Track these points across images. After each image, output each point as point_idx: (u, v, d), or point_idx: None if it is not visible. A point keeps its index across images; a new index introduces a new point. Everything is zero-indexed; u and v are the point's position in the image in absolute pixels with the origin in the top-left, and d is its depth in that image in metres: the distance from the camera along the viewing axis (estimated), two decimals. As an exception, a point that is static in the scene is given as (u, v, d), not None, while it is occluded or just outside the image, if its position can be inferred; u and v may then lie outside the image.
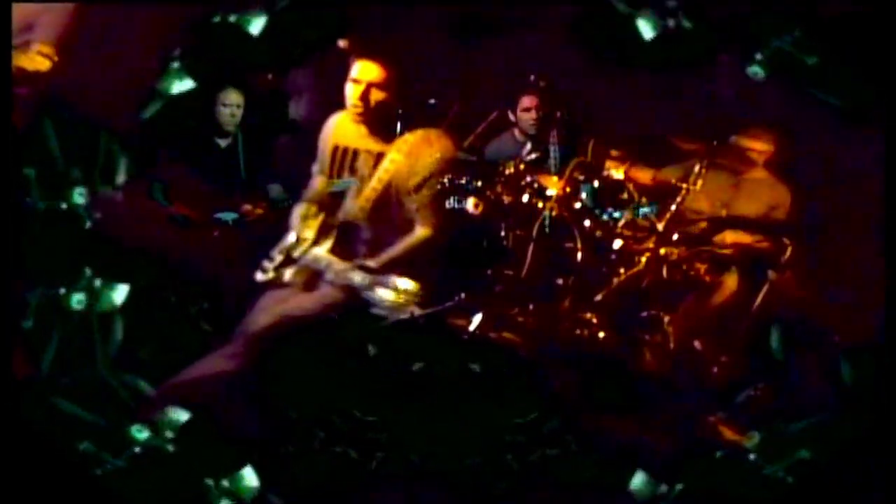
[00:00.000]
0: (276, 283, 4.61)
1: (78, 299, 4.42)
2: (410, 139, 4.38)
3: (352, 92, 4.27)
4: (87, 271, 4.46)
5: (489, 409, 4.78)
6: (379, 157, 4.40)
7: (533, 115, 5.83)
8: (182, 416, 4.36)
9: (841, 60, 4.82)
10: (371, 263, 4.35)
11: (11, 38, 4.50)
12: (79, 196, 4.57)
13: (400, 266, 4.37)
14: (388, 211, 4.41)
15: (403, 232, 4.41)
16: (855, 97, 4.93)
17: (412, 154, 4.36)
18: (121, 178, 4.66)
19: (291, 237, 4.68)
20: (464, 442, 4.61)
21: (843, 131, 5.43)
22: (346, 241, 4.47)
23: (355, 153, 4.40)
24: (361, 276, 4.22)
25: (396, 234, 4.41)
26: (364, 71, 4.20)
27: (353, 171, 4.42)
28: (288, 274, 4.57)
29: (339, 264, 4.31)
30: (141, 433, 4.34)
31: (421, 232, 4.41)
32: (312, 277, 4.48)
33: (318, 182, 4.71)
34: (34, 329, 4.37)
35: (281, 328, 4.40)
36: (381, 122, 4.33)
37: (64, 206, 4.55)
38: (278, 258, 4.65)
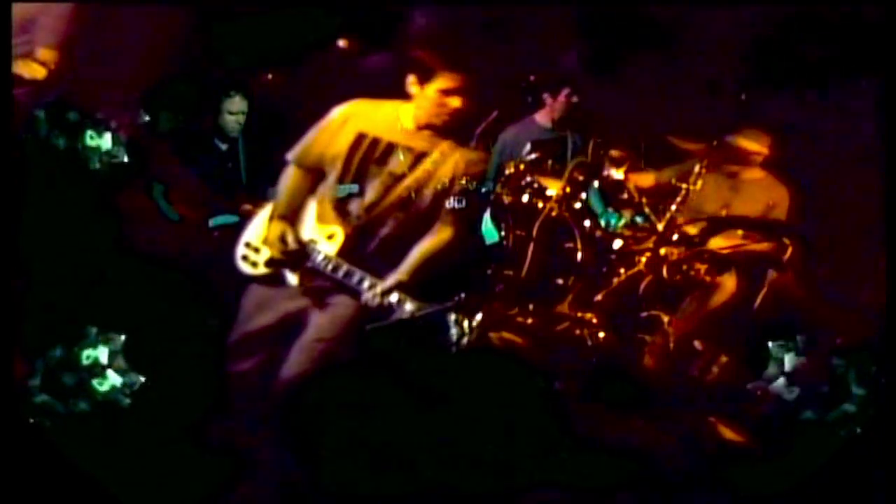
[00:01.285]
0: (268, 280, 4.43)
1: (87, 355, 4.43)
2: (453, 145, 4.27)
3: (436, 100, 4.13)
4: (94, 330, 4.46)
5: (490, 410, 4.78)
6: (419, 156, 4.28)
7: (575, 99, 5.91)
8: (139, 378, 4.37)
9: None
10: (401, 276, 4.09)
11: (11, 39, 4.48)
12: (90, 139, 4.57)
13: (424, 273, 4.22)
14: (410, 210, 4.30)
15: (414, 232, 4.30)
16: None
17: (456, 159, 4.24)
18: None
19: (263, 222, 4.38)
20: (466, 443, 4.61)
21: (843, 132, 5.45)
22: (357, 241, 4.25)
23: (390, 146, 4.28)
24: (414, 304, 4.03)
25: (407, 233, 4.29)
26: (450, 80, 4.12)
27: (381, 163, 4.27)
28: (292, 278, 4.29)
29: (374, 282, 4.05)
30: (102, 385, 4.34)
31: (442, 234, 4.27)
32: (322, 285, 4.25)
33: (294, 174, 4.39)
34: (42, 383, 4.38)
35: (318, 368, 4.26)
36: (450, 128, 4.23)
37: (78, 146, 4.56)
38: (265, 250, 4.36)
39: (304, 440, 4.28)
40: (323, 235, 4.27)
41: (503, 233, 5.50)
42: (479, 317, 4.42)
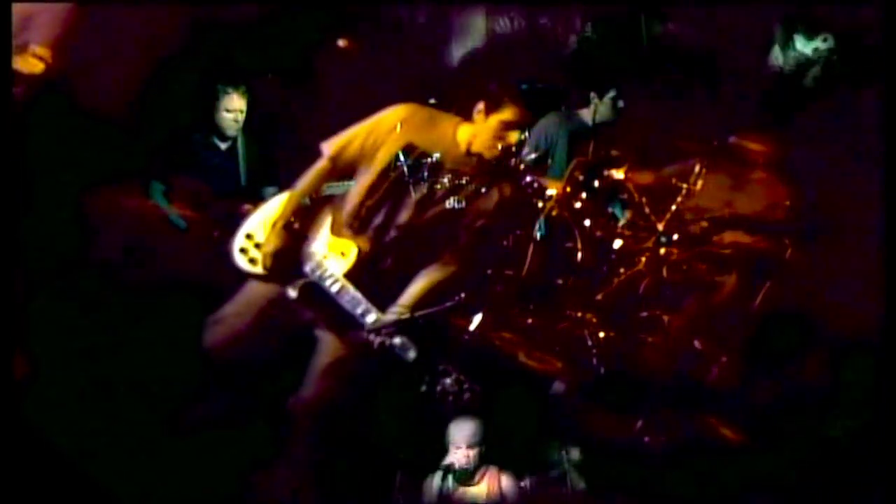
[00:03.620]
0: (266, 279, 4.15)
1: None
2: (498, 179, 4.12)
3: (495, 131, 3.97)
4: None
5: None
6: (463, 182, 4.08)
7: (621, 104, 5.90)
8: None
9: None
10: (402, 312, 3.92)
11: (11, 38, 4.47)
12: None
13: (423, 306, 4.05)
14: (435, 235, 4.12)
15: (431, 259, 4.10)
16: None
17: (496, 194, 4.09)
18: None
19: (270, 213, 4.18)
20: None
21: (842, 131, 5.44)
22: (371, 261, 4.06)
23: (438, 166, 4.02)
24: (416, 351, 3.86)
25: (425, 260, 4.09)
26: (513, 113, 3.99)
27: (423, 181, 4.01)
28: (291, 288, 4.06)
29: (378, 317, 3.86)
30: None
31: (447, 269, 4.09)
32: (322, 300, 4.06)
33: (325, 167, 4.15)
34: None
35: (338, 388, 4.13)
36: (498, 161, 4.08)
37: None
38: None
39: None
40: (335, 251, 4.07)
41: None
42: (479, 316, 4.40)
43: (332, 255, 4.04)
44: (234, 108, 5.49)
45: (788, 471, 4.68)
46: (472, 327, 4.65)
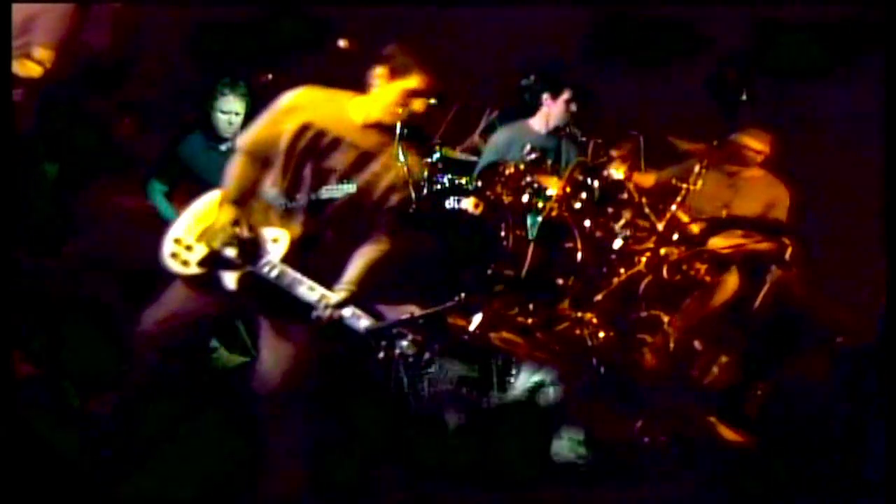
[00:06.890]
0: (200, 281, 3.98)
1: None
2: (401, 148, 4.05)
3: (397, 99, 3.92)
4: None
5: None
6: (364, 156, 4.08)
7: (574, 107, 5.89)
8: None
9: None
10: (352, 287, 3.81)
11: (11, 39, 4.47)
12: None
13: (370, 283, 4.02)
14: (353, 212, 3.94)
15: (357, 236, 3.97)
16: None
17: (401, 167, 4.03)
18: None
19: (194, 217, 4.05)
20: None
21: (843, 131, 5.45)
22: (302, 245, 3.92)
23: (336, 141, 3.96)
24: (370, 319, 3.81)
25: (349, 238, 3.95)
26: (421, 82, 3.94)
27: (322, 159, 3.91)
28: (229, 280, 3.91)
29: (323, 294, 3.77)
30: None
31: (381, 245, 3.95)
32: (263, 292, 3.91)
33: (241, 161, 4.05)
34: None
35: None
36: (401, 129, 4.02)
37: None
38: (199, 248, 3.99)
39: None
40: (266, 238, 3.98)
41: (502, 233, 5.52)
42: (479, 316, 4.39)
43: (266, 242, 4.02)
44: (229, 109, 5.45)
45: (788, 471, 4.68)
46: (471, 327, 4.64)
